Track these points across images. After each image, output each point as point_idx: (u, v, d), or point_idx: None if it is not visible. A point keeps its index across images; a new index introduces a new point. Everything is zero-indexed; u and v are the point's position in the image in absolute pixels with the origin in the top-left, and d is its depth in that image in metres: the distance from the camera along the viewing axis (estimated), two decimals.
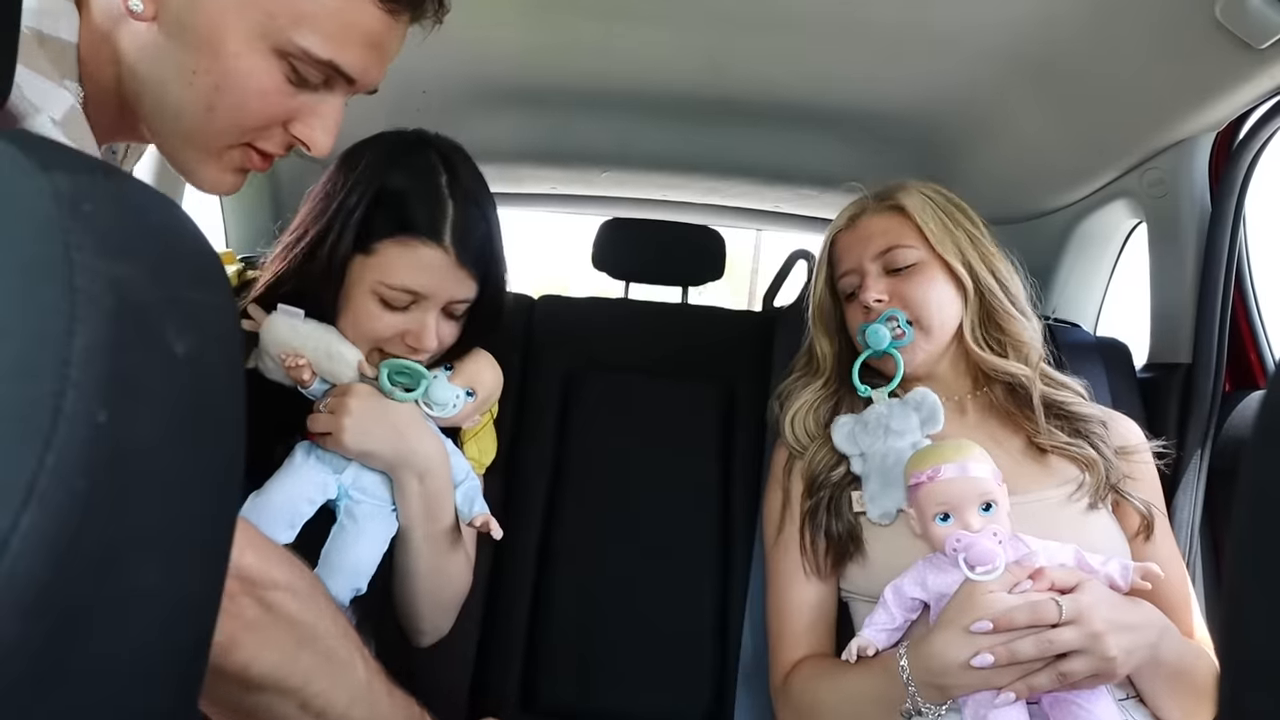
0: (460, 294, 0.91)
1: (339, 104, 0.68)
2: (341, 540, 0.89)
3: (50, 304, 0.25)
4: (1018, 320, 1.04)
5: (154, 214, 0.31)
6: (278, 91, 0.63)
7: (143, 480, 0.28)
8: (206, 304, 0.31)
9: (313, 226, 0.91)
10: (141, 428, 0.27)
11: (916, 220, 1.04)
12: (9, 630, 0.23)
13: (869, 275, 1.04)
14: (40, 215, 0.26)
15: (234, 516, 0.36)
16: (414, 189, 0.89)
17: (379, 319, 0.89)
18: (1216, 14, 0.97)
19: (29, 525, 0.23)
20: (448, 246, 0.88)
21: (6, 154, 0.27)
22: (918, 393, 1.01)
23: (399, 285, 0.88)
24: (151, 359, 0.28)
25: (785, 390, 1.15)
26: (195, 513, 0.31)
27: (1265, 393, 0.32)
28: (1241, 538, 0.32)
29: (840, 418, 1.05)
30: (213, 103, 0.62)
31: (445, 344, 0.94)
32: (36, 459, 0.24)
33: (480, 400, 0.98)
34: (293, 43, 0.61)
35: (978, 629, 0.78)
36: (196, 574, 0.32)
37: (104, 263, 0.27)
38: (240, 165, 0.68)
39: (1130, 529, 0.97)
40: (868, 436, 1.00)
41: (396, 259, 0.87)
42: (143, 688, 0.29)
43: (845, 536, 0.98)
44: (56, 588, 0.24)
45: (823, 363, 1.12)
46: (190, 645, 0.32)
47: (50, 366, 0.25)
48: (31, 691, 0.24)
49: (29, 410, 0.24)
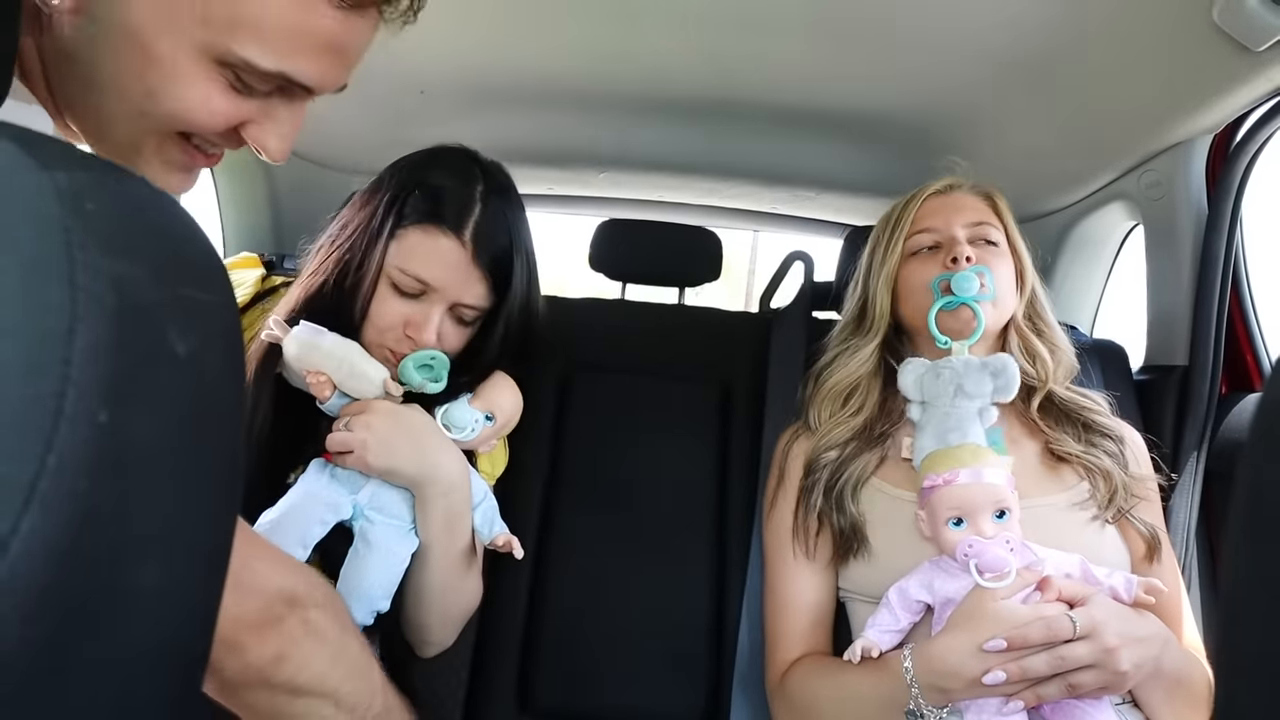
0: (470, 296, 0.93)
1: (299, 110, 0.62)
2: (357, 564, 0.88)
3: (52, 303, 0.25)
4: (1056, 328, 1.10)
5: (156, 213, 0.31)
6: (223, 99, 0.57)
7: (144, 480, 0.28)
8: (209, 304, 0.31)
9: (354, 220, 0.95)
10: (143, 428, 0.27)
11: (1002, 211, 1.12)
12: (10, 632, 0.23)
13: (958, 238, 1.05)
14: (42, 213, 0.26)
15: (235, 517, 0.35)
16: (450, 187, 0.93)
17: (387, 304, 0.91)
18: (1214, 17, 0.97)
19: (30, 527, 0.23)
20: (466, 241, 0.91)
21: (8, 152, 0.26)
22: (1000, 358, 0.99)
23: (412, 271, 0.90)
24: (153, 359, 0.28)
25: (829, 359, 1.14)
26: (196, 513, 0.31)
27: (1262, 395, 0.32)
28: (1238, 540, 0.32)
29: (912, 360, 1.03)
30: (146, 109, 0.56)
31: (447, 346, 0.94)
32: (38, 459, 0.24)
33: (499, 425, 0.98)
34: (233, 53, 0.54)
35: (992, 648, 0.78)
36: (197, 574, 0.32)
37: (106, 261, 0.26)
38: (185, 164, 0.62)
39: (1136, 551, 0.97)
40: (937, 386, 0.98)
41: (417, 245, 0.91)
42: (144, 688, 0.29)
43: (849, 531, 0.98)
44: (57, 588, 0.24)
45: (879, 321, 1.11)
46: (191, 645, 0.32)
47: (51, 366, 0.24)
48: (33, 692, 0.24)
49: (30, 410, 0.24)
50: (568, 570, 1.27)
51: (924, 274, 1.06)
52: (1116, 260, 1.61)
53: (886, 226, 1.13)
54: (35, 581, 0.24)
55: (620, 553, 1.28)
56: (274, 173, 1.65)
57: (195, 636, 0.32)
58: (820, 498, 1.01)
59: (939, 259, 1.05)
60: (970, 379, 0.96)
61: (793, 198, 2.06)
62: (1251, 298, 1.28)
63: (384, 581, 0.88)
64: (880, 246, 1.13)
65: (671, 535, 1.29)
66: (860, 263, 1.17)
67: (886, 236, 1.12)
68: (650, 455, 1.34)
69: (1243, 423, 1.18)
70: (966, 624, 0.81)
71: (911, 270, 1.08)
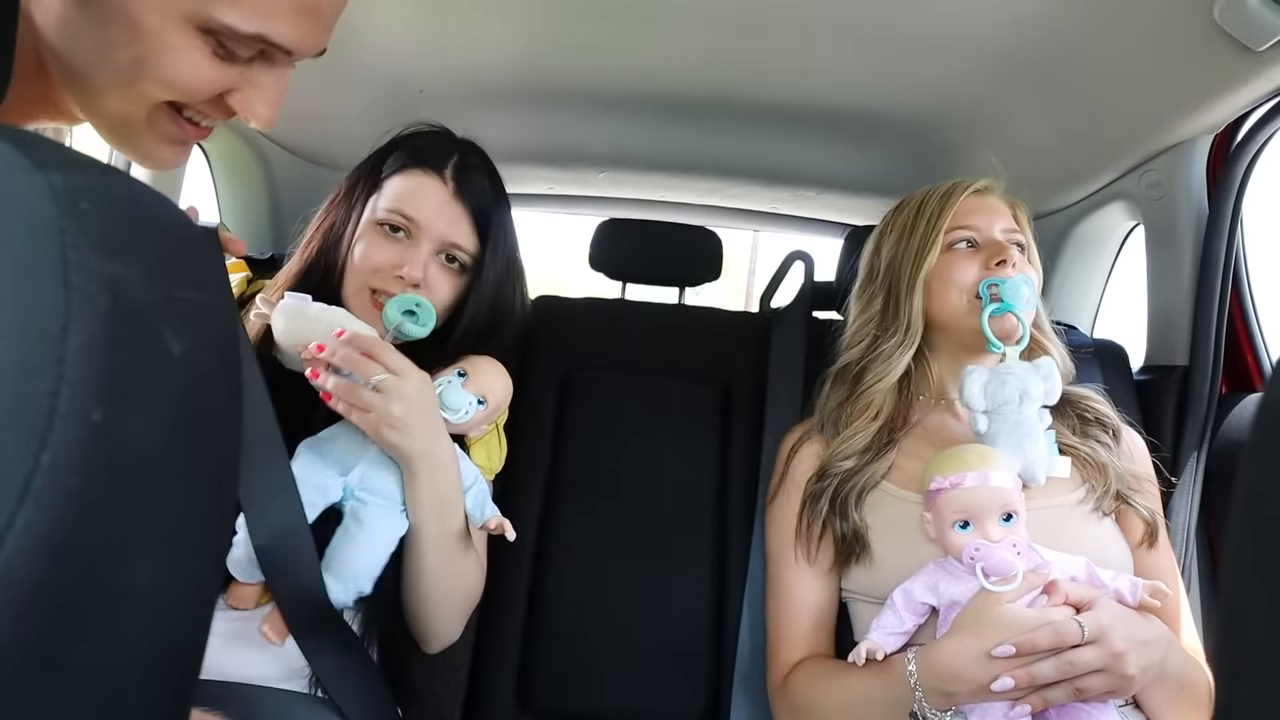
0: (455, 234, 0.96)
1: (282, 75, 0.64)
2: (346, 543, 0.87)
3: (46, 302, 0.25)
4: (1051, 332, 1.09)
5: (152, 213, 0.31)
6: (209, 66, 0.59)
7: (138, 479, 0.28)
8: (204, 304, 0.31)
9: (338, 193, 1.01)
10: (137, 427, 0.27)
11: (1024, 223, 1.10)
12: (3, 627, 0.23)
13: (1003, 242, 1.03)
14: (36, 213, 0.26)
15: (230, 516, 0.35)
16: (428, 136, 1.01)
17: (376, 247, 0.95)
18: (1215, 16, 0.97)
19: (24, 524, 0.23)
20: (448, 179, 0.96)
21: (3, 152, 0.26)
22: (1046, 362, 0.97)
23: (397, 208, 0.95)
24: (148, 358, 0.28)
25: (854, 362, 1.09)
26: (191, 512, 0.31)
27: (1263, 395, 0.32)
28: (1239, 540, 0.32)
29: (973, 366, 0.98)
30: (134, 77, 0.58)
31: (436, 295, 0.95)
32: (32, 458, 0.24)
33: (490, 410, 0.98)
34: (213, 19, 0.57)
35: (1000, 654, 0.78)
36: (191, 573, 0.31)
37: (100, 261, 0.26)
38: (177, 137, 0.64)
39: (1134, 537, 0.97)
40: (1003, 393, 0.95)
41: (399, 186, 0.96)
42: (137, 685, 0.29)
43: (851, 537, 0.98)
44: (51, 586, 0.24)
45: (914, 323, 1.05)
46: (185, 643, 0.32)
47: (45, 365, 0.24)
48: (26, 688, 0.24)
49: (24, 409, 0.24)
50: (568, 569, 1.27)
51: (964, 272, 1.03)
52: (1117, 260, 1.61)
53: (919, 218, 1.08)
54: (29, 577, 0.24)
55: (620, 552, 1.28)
56: (274, 172, 1.65)
57: (189, 637, 0.32)
58: (826, 505, 1.00)
59: (977, 259, 1.03)
60: (1030, 384, 0.94)
61: (793, 197, 2.06)
62: (1252, 298, 1.28)
63: (371, 562, 0.88)
64: (913, 238, 1.07)
65: (671, 535, 1.29)
66: (877, 255, 1.12)
67: (924, 229, 1.06)
68: (650, 455, 1.34)
69: (1243, 423, 1.18)
70: (972, 627, 0.81)
71: (950, 266, 1.04)
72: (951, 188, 1.09)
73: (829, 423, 1.08)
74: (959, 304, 1.02)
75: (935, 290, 1.05)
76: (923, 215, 1.08)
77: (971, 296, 1.02)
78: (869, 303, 1.11)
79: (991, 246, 1.03)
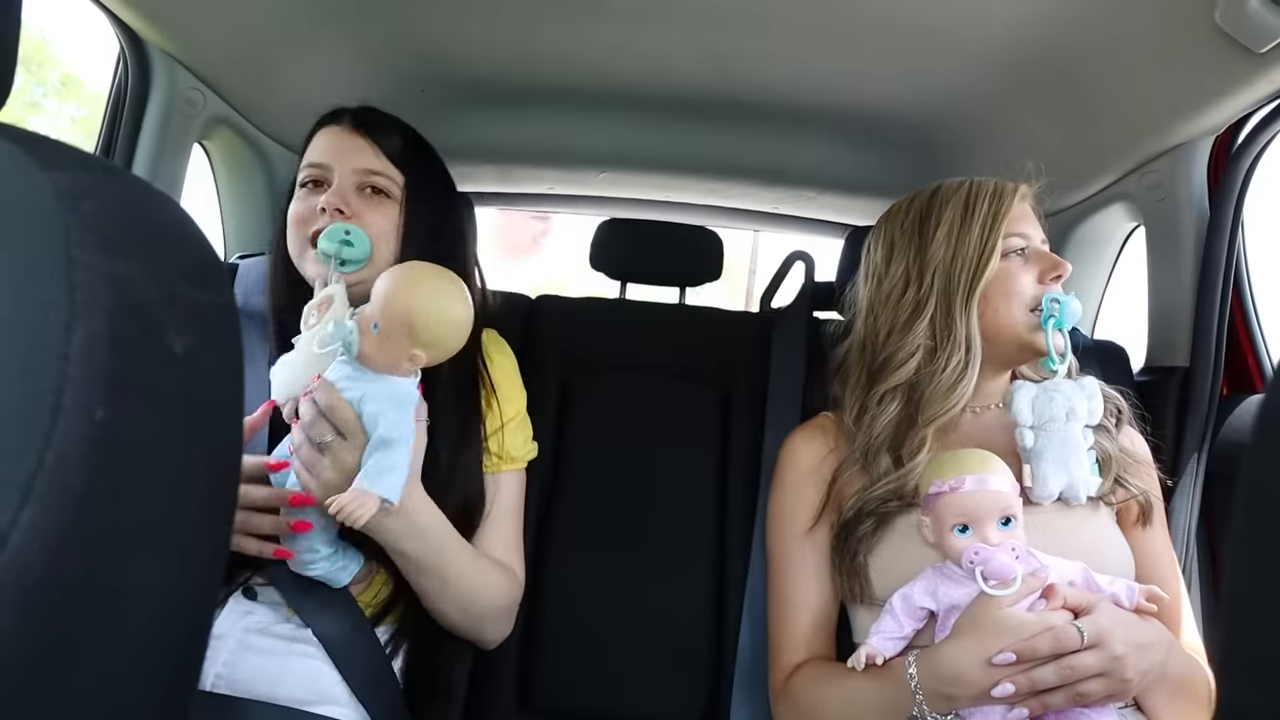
0: (364, 162, 0.98)
1: None
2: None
3: (50, 300, 0.25)
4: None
5: (155, 212, 0.31)
6: None
7: (141, 477, 0.28)
8: (207, 303, 0.31)
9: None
10: (139, 425, 0.27)
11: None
12: (7, 623, 0.23)
13: (1053, 256, 0.99)
14: (41, 212, 0.26)
15: (232, 514, 0.35)
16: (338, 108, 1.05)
17: (304, 201, 0.99)
18: (1216, 18, 0.97)
19: (28, 521, 0.23)
20: (345, 123, 1.01)
21: (7, 151, 0.27)
22: (1090, 380, 0.95)
23: (308, 163, 1.00)
24: (150, 357, 0.28)
25: (924, 386, 0.98)
26: (193, 510, 0.31)
27: (1264, 396, 0.32)
28: (1240, 541, 0.32)
29: (1022, 382, 0.96)
30: None
31: (371, 224, 0.96)
32: (36, 456, 0.24)
33: (384, 331, 0.80)
34: None
35: (1000, 661, 0.78)
36: (193, 570, 0.31)
37: (104, 260, 0.26)
38: None
39: (1128, 519, 0.97)
40: (1050, 409, 0.92)
41: (309, 150, 1.02)
42: (139, 680, 0.29)
43: (852, 575, 0.95)
44: (54, 582, 0.24)
45: (973, 337, 0.97)
46: (186, 639, 0.32)
47: (49, 363, 0.25)
48: (29, 682, 0.24)
49: (28, 406, 0.24)
50: (568, 569, 1.27)
51: (1024, 284, 0.97)
52: (1118, 261, 1.60)
53: (971, 219, 0.99)
54: (32, 574, 0.24)
55: (621, 553, 1.28)
56: (274, 172, 1.65)
57: (189, 635, 0.32)
58: (858, 543, 0.95)
59: (1030, 269, 0.98)
60: (1077, 401, 0.93)
61: (793, 198, 2.05)
62: (1253, 299, 1.28)
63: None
64: (967, 241, 0.98)
65: (672, 535, 1.29)
66: (920, 254, 1.02)
67: (979, 232, 0.98)
68: (650, 455, 1.34)
69: (1244, 424, 1.18)
70: (972, 632, 0.81)
71: (1009, 277, 0.98)
72: (1000, 189, 1.00)
73: (883, 449, 0.98)
74: (1020, 317, 0.97)
75: (994, 301, 0.98)
76: (975, 217, 0.98)
77: (1029, 310, 0.97)
78: (917, 310, 1.00)
79: (1044, 259, 0.99)
